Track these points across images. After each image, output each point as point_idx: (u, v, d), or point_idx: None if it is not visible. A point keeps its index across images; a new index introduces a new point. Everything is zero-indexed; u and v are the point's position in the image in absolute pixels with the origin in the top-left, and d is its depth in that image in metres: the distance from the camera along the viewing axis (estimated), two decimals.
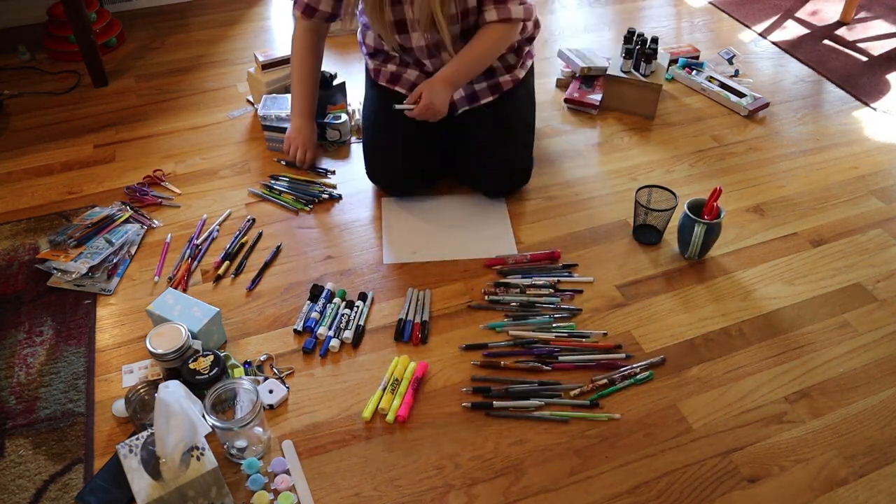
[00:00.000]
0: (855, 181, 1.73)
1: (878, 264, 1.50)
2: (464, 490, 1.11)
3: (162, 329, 1.19)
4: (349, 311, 1.37)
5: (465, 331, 1.36)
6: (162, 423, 0.97)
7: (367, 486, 1.11)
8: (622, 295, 1.43)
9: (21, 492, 1.11)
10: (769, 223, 1.60)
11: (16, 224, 1.61)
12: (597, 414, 1.21)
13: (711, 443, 1.17)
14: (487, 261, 1.49)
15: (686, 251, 1.49)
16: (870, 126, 1.92)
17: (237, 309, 1.40)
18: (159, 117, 1.97)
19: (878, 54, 2.24)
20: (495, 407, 1.21)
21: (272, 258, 1.51)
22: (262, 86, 1.89)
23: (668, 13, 2.51)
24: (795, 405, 1.23)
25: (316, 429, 1.19)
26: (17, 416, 1.22)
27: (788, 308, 1.40)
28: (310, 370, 1.29)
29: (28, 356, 1.32)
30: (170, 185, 1.72)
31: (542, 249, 1.52)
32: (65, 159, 1.81)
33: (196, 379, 1.14)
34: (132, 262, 1.51)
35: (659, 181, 1.69)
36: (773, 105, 2.00)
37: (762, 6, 2.53)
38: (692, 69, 2.10)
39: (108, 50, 2.27)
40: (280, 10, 2.55)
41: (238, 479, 1.12)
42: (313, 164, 1.75)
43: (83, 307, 1.41)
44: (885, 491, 1.11)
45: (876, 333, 1.35)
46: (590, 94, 1.99)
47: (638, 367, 1.28)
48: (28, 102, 2.04)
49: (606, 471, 1.13)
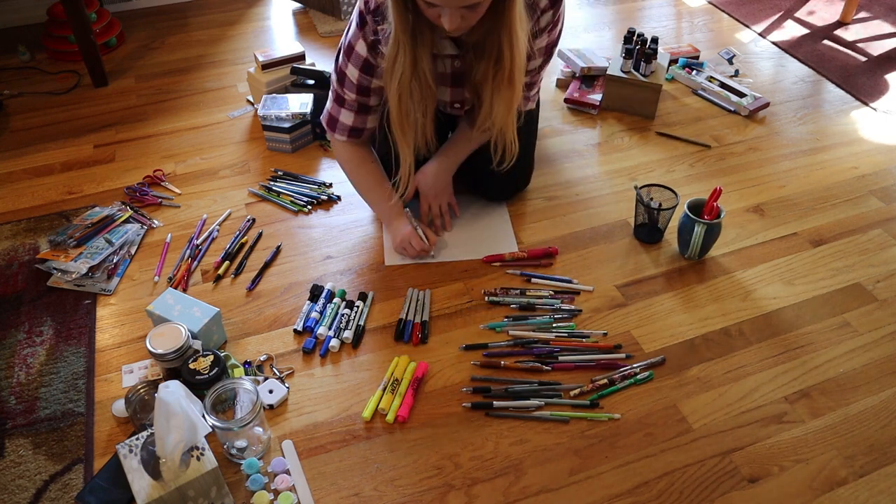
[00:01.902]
0: (855, 181, 1.73)
1: (878, 264, 1.50)
2: (464, 490, 1.11)
3: (162, 329, 1.19)
4: (349, 311, 1.37)
5: (465, 331, 1.36)
6: (162, 423, 0.97)
7: (367, 486, 1.11)
8: (622, 295, 1.43)
9: (21, 492, 1.11)
10: (769, 223, 1.60)
11: (16, 224, 1.61)
12: (597, 414, 1.21)
13: (711, 443, 1.17)
14: (485, 258, 1.49)
15: (686, 251, 1.49)
16: (870, 126, 1.92)
17: (237, 309, 1.40)
18: (159, 117, 1.97)
19: (877, 54, 2.24)
20: (495, 407, 1.21)
21: (272, 258, 1.51)
22: (262, 86, 1.89)
23: (668, 13, 2.51)
24: (795, 405, 1.23)
25: (316, 429, 1.19)
26: (17, 416, 1.22)
27: (788, 308, 1.40)
28: (310, 370, 1.29)
29: (28, 356, 1.32)
30: (170, 185, 1.72)
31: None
32: (65, 159, 1.81)
33: (196, 379, 1.14)
34: (132, 262, 1.51)
35: (659, 181, 1.69)
36: (773, 105, 2.00)
37: (762, 6, 2.53)
38: (692, 69, 2.10)
39: (108, 50, 2.27)
40: (280, 10, 2.55)
41: (238, 479, 1.12)
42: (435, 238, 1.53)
43: (83, 307, 1.41)
44: (885, 491, 1.10)
45: (876, 333, 1.35)
46: (590, 94, 1.99)
47: (638, 367, 1.28)
48: (28, 102, 2.04)
49: (606, 471, 1.13)
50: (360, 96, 1.37)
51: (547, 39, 1.34)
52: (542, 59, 1.38)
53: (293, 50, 1.93)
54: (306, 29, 2.42)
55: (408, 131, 1.31)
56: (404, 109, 1.28)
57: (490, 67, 1.25)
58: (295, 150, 1.82)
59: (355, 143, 1.47)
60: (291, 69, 1.89)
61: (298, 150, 1.83)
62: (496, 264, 1.49)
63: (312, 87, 1.88)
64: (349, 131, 1.43)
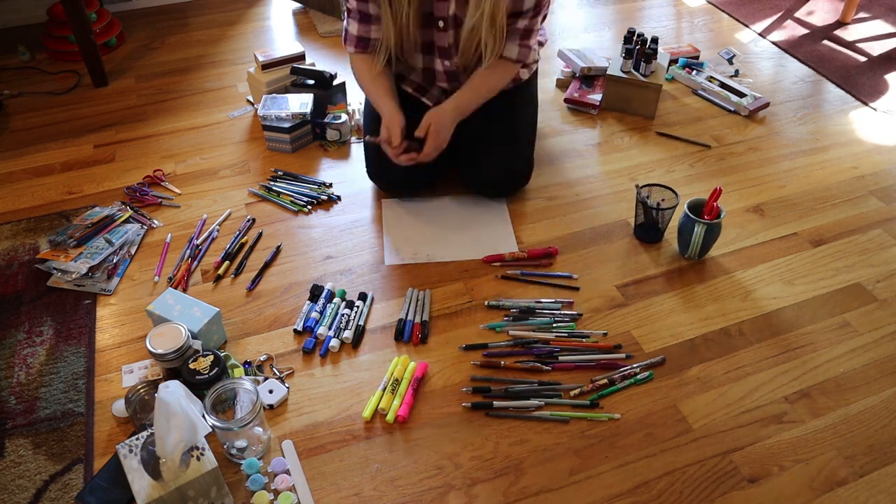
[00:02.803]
0: (855, 181, 1.73)
1: (878, 264, 1.50)
2: (464, 490, 1.11)
3: (162, 329, 1.19)
4: (349, 311, 1.37)
5: (465, 331, 1.36)
6: (162, 423, 0.97)
7: (367, 486, 1.11)
8: (622, 295, 1.43)
9: (21, 492, 1.11)
10: (769, 223, 1.60)
11: (16, 224, 1.61)
12: (597, 414, 1.21)
13: (711, 443, 1.17)
14: (485, 257, 1.49)
15: (686, 251, 1.49)
16: (870, 126, 1.92)
17: (237, 309, 1.40)
18: (159, 117, 1.97)
19: (877, 54, 2.24)
20: (495, 407, 1.21)
21: (272, 258, 1.51)
22: (262, 86, 1.89)
23: (668, 13, 2.51)
24: (795, 405, 1.23)
25: (316, 429, 1.19)
26: (17, 416, 1.22)
27: (788, 308, 1.40)
28: (310, 370, 1.29)
29: (28, 356, 1.32)
30: (170, 185, 1.72)
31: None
32: (65, 159, 1.81)
33: (196, 379, 1.14)
34: (132, 262, 1.51)
35: (659, 181, 1.69)
36: (773, 105, 2.00)
37: (762, 6, 2.53)
38: (692, 69, 2.10)
39: (108, 50, 2.27)
40: (280, 10, 2.55)
41: (238, 479, 1.12)
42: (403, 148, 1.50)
43: (83, 307, 1.41)
44: (885, 491, 1.11)
45: (876, 333, 1.35)
46: (590, 94, 1.99)
47: (638, 367, 1.28)
48: (28, 102, 2.04)
49: (606, 471, 1.13)
50: (360, 2, 1.45)
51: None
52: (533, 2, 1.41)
53: (293, 50, 1.93)
54: (306, 29, 2.42)
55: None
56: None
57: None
58: (295, 150, 1.82)
59: (365, 55, 1.53)
60: (291, 69, 1.89)
61: (298, 150, 1.83)
62: (496, 264, 1.49)
63: (312, 87, 1.88)
64: (356, 41, 1.51)
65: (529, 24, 1.46)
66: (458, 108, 1.49)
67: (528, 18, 1.45)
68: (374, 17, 1.47)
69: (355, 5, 1.46)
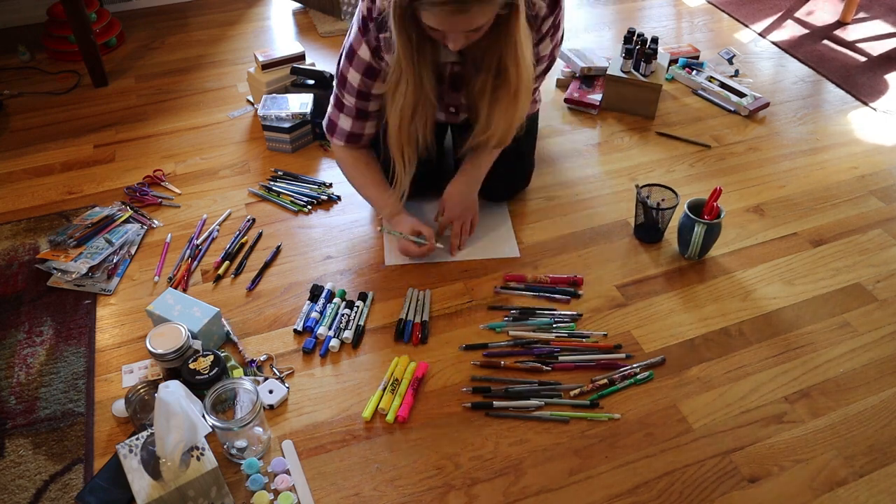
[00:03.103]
0: (855, 181, 1.73)
1: (878, 264, 1.50)
2: (464, 490, 1.11)
3: (162, 329, 1.19)
4: (349, 311, 1.37)
5: (465, 331, 1.36)
6: (162, 423, 0.97)
7: (367, 486, 1.11)
8: (622, 295, 1.43)
9: (21, 492, 1.11)
10: (769, 223, 1.60)
11: (16, 224, 1.61)
12: (597, 414, 1.21)
13: (711, 443, 1.17)
14: (507, 275, 1.46)
15: (686, 251, 1.49)
16: (870, 126, 1.92)
17: (237, 309, 1.40)
18: (159, 117, 1.97)
19: (877, 54, 2.24)
20: (495, 407, 1.21)
21: (272, 258, 1.51)
22: (262, 86, 1.89)
23: (668, 13, 2.51)
24: (795, 405, 1.23)
25: (316, 429, 1.19)
26: (17, 416, 1.22)
27: (788, 308, 1.40)
28: (310, 370, 1.29)
29: (28, 356, 1.32)
30: (170, 185, 1.72)
31: (542, 250, 1.52)
32: (65, 159, 1.81)
33: (196, 379, 1.14)
34: (132, 262, 1.51)
35: (659, 181, 1.69)
36: (773, 105, 2.00)
37: (762, 6, 2.53)
38: (692, 69, 2.10)
39: (108, 50, 2.27)
40: (280, 10, 2.55)
41: (238, 479, 1.12)
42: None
43: (83, 307, 1.41)
44: (885, 491, 1.10)
45: (876, 333, 1.35)
46: (590, 94, 1.99)
47: (638, 367, 1.28)
48: (28, 102, 2.04)
49: (606, 471, 1.13)
50: (360, 101, 1.36)
51: (550, 44, 1.34)
52: (545, 65, 1.38)
53: (293, 50, 1.93)
54: (306, 29, 2.42)
55: (406, 147, 1.31)
56: (404, 130, 1.28)
57: (489, 80, 1.25)
58: (295, 150, 1.82)
59: (354, 148, 1.47)
60: (291, 69, 1.89)
61: (298, 150, 1.83)
62: (513, 284, 1.44)
63: (312, 87, 1.88)
64: (347, 136, 1.44)
65: (538, 83, 1.43)
66: (470, 182, 1.48)
67: (539, 79, 1.42)
68: (371, 114, 1.40)
69: (354, 103, 1.36)
